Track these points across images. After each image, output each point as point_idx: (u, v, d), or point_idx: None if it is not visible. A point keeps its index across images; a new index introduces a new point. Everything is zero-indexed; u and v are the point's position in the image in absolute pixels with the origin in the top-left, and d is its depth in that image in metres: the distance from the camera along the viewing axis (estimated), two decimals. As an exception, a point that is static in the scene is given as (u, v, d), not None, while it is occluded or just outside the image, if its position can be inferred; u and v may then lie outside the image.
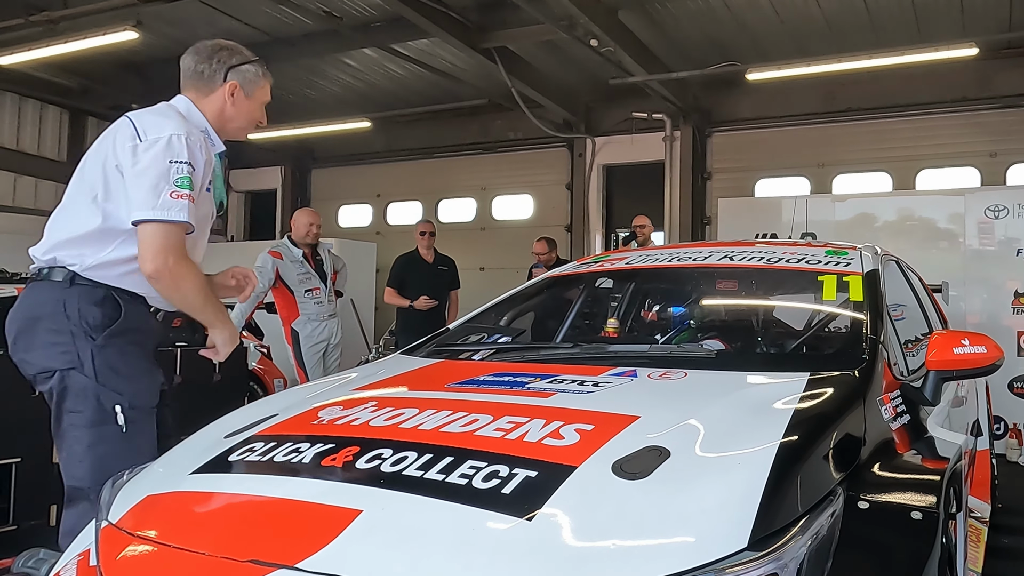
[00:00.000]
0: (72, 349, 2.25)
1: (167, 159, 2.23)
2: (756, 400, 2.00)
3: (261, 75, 2.58)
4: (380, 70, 9.94)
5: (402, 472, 1.58)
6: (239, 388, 4.47)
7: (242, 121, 2.57)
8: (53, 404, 2.30)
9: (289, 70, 9.94)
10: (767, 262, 3.01)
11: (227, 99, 2.50)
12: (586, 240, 10.50)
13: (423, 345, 2.86)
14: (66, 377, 2.25)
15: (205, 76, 2.49)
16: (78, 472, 2.25)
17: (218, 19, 8.41)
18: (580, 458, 1.59)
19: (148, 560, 1.52)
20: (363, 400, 2.06)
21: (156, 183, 2.21)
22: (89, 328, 2.27)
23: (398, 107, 10.70)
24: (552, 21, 7.51)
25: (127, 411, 2.29)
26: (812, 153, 9.51)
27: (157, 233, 2.22)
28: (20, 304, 2.33)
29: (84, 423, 2.25)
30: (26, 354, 2.30)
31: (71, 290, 2.27)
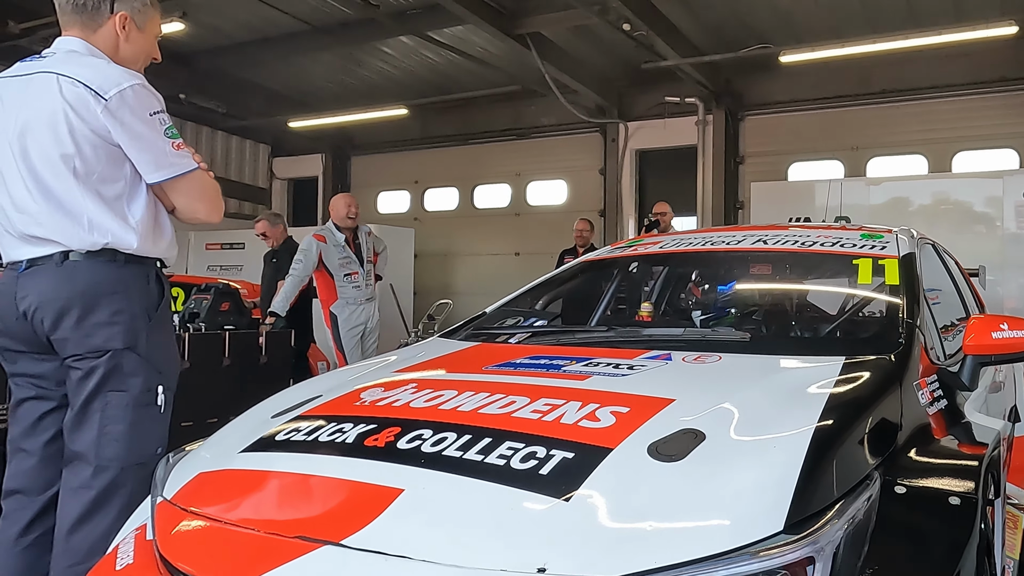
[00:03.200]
0: (132, 329, 2.18)
1: (146, 113, 2.14)
2: (791, 384, 1.97)
3: (149, 3, 2.33)
4: (416, 57, 9.94)
5: (442, 452, 1.59)
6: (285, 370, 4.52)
7: (136, 60, 2.32)
8: (90, 383, 2.16)
9: (328, 58, 9.99)
10: (801, 245, 2.96)
11: (119, 34, 2.26)
12: (619, 225, 10.44)
13: (461, 328, 2.87)
14: (119, 356, 2.17)
15: (88, 8, 2.22)
16: (110, 452, 2.15)
17: (258, 8, 8.46)
18: (616, 440, 1.59)
19: (201, 535, 1.55)
20: (403, 382, 2.07)
21: (153, 141, 2.15)
22: (148, 307, 2.24)
23: (434, 94, 10.70)
24: (585, 6, 7.44)
25: (165, 392, 2.27)
26: (846, 136, 9.33)
27: (190, 183, 2.24)
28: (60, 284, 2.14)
29: (128, 403, 2.18)
30: (75, 333, 2.14)
31: (127, 268, 2.20)
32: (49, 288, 2.15)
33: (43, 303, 2.15)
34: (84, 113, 2.09)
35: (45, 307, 2.14)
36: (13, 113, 2.17)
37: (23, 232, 2.18)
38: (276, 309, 5.57)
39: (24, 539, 2.22)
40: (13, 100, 2.19)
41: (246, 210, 12.78)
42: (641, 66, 8.81)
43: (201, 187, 2.28)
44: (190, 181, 2.24)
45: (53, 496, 2.21)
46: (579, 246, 8.07)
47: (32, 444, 2.26)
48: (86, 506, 2.12)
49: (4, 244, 2.25)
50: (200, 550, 1.51)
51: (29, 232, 2.17)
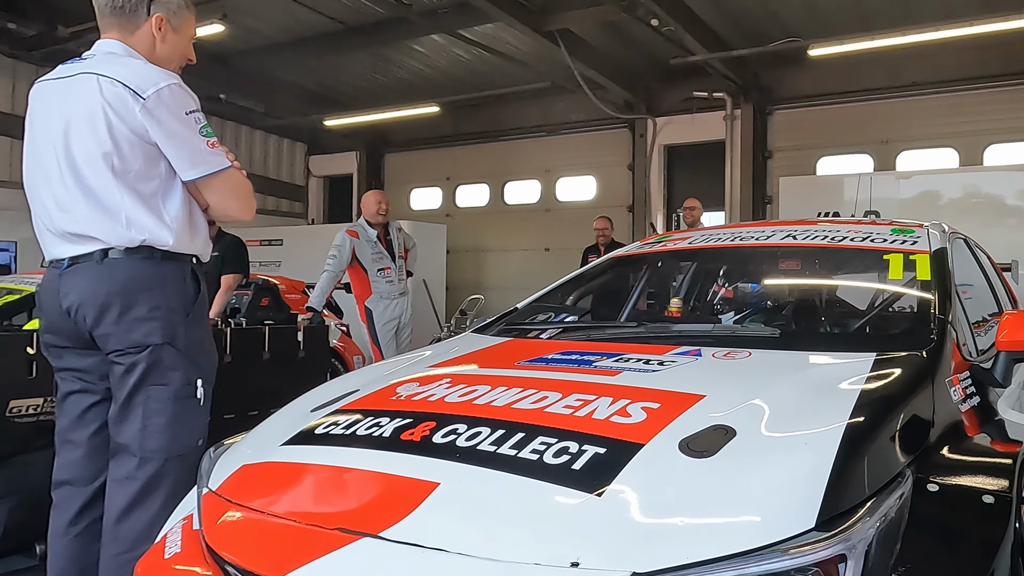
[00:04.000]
0: (170, 324, 2.20)
1: (183, 112, 2.17)
2: (822, 380, 1.95)
3: (186, 6, 2.34)
4: (447, 55, 9.95)
5: (476, 447, 1.59)
6: (322, 364, 4.55)
7: (172, 61, 2.34)
8: (132, 378, 2.18)
9: (362, 57, 10.05)
10: (831, 241, 2.91)
11: (155, 35, 2.28)
12: (647, 220, 10.38)
13: (493, 324, 2.87)
14: (159, 351, 2.19)
15: (126, 11, 2.25)
16: (153, 444, 2.18)
17: (294, 9, 8.53)
18: (647, 436, 1.58)
19: (245, 526, 1.58)
20: (438, 377, 2.08)
21: (189, 139, 2.18)
22: (184, 302, 2.26)
23: (465, 92, 10.71)
24: (613, 2, 7.40)
25: (204, 385, 2.29)
26: (876, 130, 9.16)
27: (223, 181, 2.25)
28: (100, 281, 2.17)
29: (169, 396, 2.21)
30: (115, 328, 2.17)
31: (164, 265, 2.23)
32: (90, 285, 2.18)
33: (85, 300, 2.18)
34: (123, 112, 2.12)
35: (87, 304, 2.18)
36: (56, 114, 2.22)
37: (63, 230, 2.22)
38: (313, 304, 5.62)
39: (74, 528, 2.26)
40: (56, 101, 2.23)
41: (284, 208, 12.92)
42: (669, 62, 8.74)
43: (234, 185, 2.30)
44: (223, 179, 2.26)
45: (100, 486, 2.25)
46: (600, 244, 8.03)
47: (79, 436, 2.31)
48: (132, 496, 2.16)
49: (46, 242, 2.30)
50: (244, 540, 1.54)
51: (69, 230, 2.21)
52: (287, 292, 6.36)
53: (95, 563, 2.20)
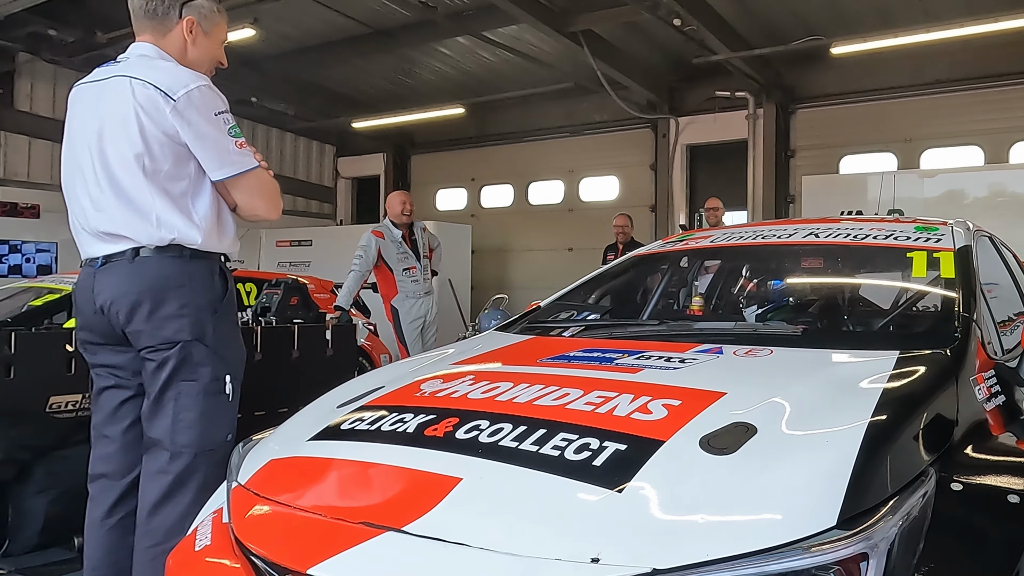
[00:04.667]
0: (198, 321, 2.22)
1: (212, 113, 2.19)
2: (844, 378, 1.91)
3: (217, 10, 2.36)
4: (472, 57, 9.96)
5: (499, 443, 1.59)
6: (350, 362, 4.57)
7: (203, 64, 2.35)
8: (163, 374, 2.21)
9: (389, 60, 10.09)
10: (854, 239, 2.85)
11: (186, 38, 2.29)
12: (670, 220, 10.29)
13: (516, 322, 2.86)
14: (188, 347, 2.21)
15: (159, 14, 2.27)
16: (185, 438, 2.21)
17: (324, 13, 8.58)
18: (668, 432, 1.56)
19: (272, 519, 1.59)
20: (461, 374, 2.08)
21: (218, 140, 2.19)
22: (213, 300, 2.28)
23: (489, 93, 10.71)
24: (636, 2, 7.35)
25: (232, 381, 2.30)
26: (899, 128, 9.01)
27: (251, 181, 2.27)
28: (132, 279, 2.20)
29: (199, 391, 2.23)
30: (147, 325, 2.19)
31: (192, 263, 2.24)
32: (122, 283, 2.21)
33: (117, 298, 2.21)
34: (154, 113, 2.15)
35: (119, 301, 2.21)
36: (91, 116, 2.25)
37: (98, 229, 2.25)
38: (341, 303, 5.65)
39: (108, 520, 2.30)
40: (91, 104, 2.26)
41: (313, 209, 13.01)
42: (692, 61, 8.67)
43: (261, 185, 2.32)
44: (251, 179, 2.28)
45: (134, 480, 2.28)
46: (620, 242, 7.99)
47: (113, 430, 2.34)
48: (164, 490, 2.18)
49: (81, 241, 2.33)
50: (271, 533, 1.55)
51: (103, 229, 2.24)
52: (316, 291, 6.38)
53: (129, 555, 2.23)
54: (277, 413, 4.15)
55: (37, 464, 3.10)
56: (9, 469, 3.02)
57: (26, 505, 3.05)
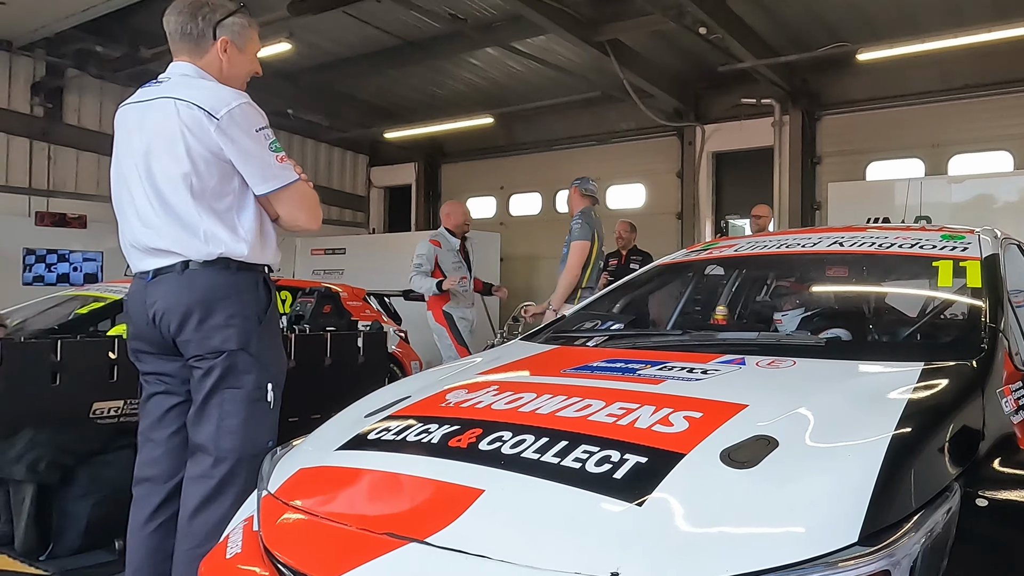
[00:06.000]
0: (244, 331, 2.26)
1: (253, 129, 2.22)
2: (867, 390, 1.88)
3: (248, 25, 2.39)
4: (501, 68, 9.98)
5: (521, 454, 1.58)
6: (381, 369, 4.60)
7: (239, 78, 2.40)
8: (209, 381, 2.25)
9: (420, 71, 10.15)
10: (879, 247, 2.80)
11: (221, 57, 2.34)
12: (696, 227, 10.18)
13: (541, 332, 2.85)
14: (234, 356, 2.25)
15: (194, 36, 2.32)
16: (228, 444, 2.25)
17: (356, 26, 8.66)
18: (689, 445, 1.54)
19: (300, 528, 1.60)
20: (486, 384, 2.08)
21: (260, 155, 2.23)
22: (258, 310, 2.32)
23: (518, 103, 10.71)
24: (662, 11, 7.30)
25: (274, 389, 2.34)
26: (926, 133, 8.80)
27: (292, 193, 2.30)
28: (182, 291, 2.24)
29: (242, 399, 2.27)
30: (196, 335, 2.24)
31: (239, 275, 2.28)
32: (173, 295, 2.26)
33: (169, 309, 2.26)
34: (199, 133, 2.19)
35: (171, 312, 2.25)
36: (138, 136, 2.29)
37: (148, 245, 2.30)
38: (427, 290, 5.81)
39: (151, 523, 2.34)
40: (137, 124, 2.31)
41: (347, 218, 13.11)
42: (717, 69, 8.59)
43: (302, 197, 2.35)
44: (293, 191, 2.32)
45: (177, 484, 2.32)
46: (620, 248, 7.84)
47: (159, 435, 2.38)
48: (206, 494, 2.22)
49: (131, 257, 2.38)
50: (299, 543, 1.55)
51: (153, 245, 2.28)
52: (349, 299, 6.45)
53: (169, 557, 2.27)
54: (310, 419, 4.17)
55: (80, 468, 3.16)
56: (54, 473, 3.08)
57: (69, 509, 3.11)
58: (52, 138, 9.60)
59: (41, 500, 3.09)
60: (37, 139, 9.50)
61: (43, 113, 9.52)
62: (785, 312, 2.74)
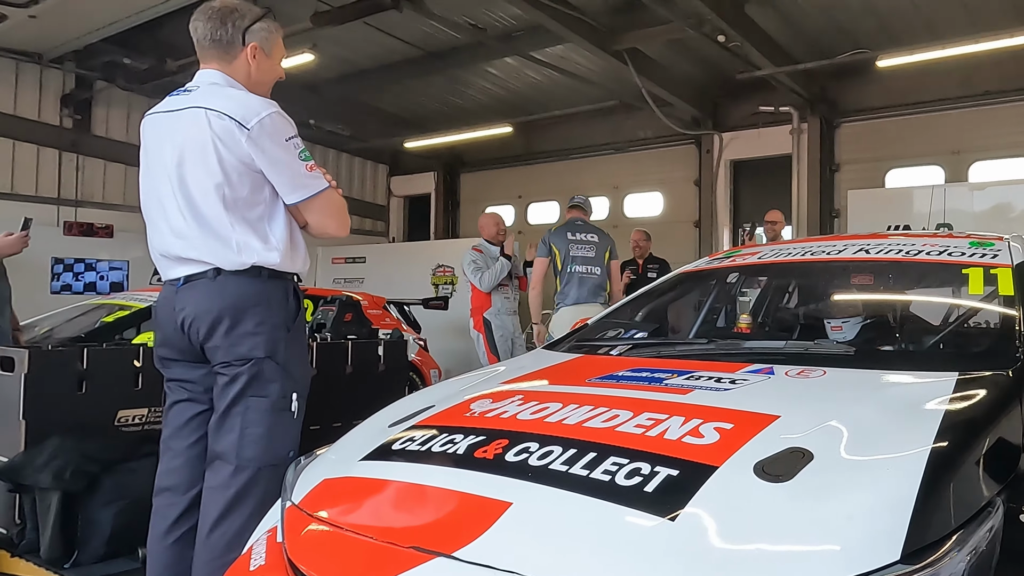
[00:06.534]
0: (273, 339, 2.23)
1: (283, 138, 2.20)
2: (902, 401, 1.82)
3: (274, 30, 2.37)
4: (520, 77, 9.97)
5: (548, 466, 1.54)
6: (401, 376, 4.57)
7: (266, 84, 2.38)
8: (234, 389, 2.22)
9: (440, 81, 10.17)
10: (906, 255, 2.74)
11: (250, 63, 2.31)
12: (714, 235, 10.09)
13: (564, 340, 2.81)
14: (261, 364, 2.22)
15: (223, 42, 2.29)
16: (249, 453, 2.21)
17: (378, 36, 8.68)
18: (721, 458, 1.49)
19: (324, 540, 1.56)
20: (511, 393, 2.04)
21: (290, 164, 2.21)
22: (286, 319, 2.29)
23: (536, 112, 10.69)
24: (680, 19, 7.25)
25: (299, 398, 2.30)
26: (947, 140, 8.66)
27: (322, 202, 2.28)
28: (213, 297, 2.22)
29: (267, 407, 2.23)
30: (224, 341, 2.22)
31: (269, 283, 2.26)
32: (203, 301, 2.23)
33: (198, 315, 2.23)
34: (231, 143, 2.17)
35: (200, 319, 2.23)
36: (169, 146, 2.27)
37: (179, 255, 2.28)
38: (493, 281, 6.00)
39: (172, 534, 2.30)
40: (167, 134, 2.28)
41: (367, 227, 13.14)
42: (735, 77, 8.52)
43: (331, 205, 2.33)
44: (322, 200, 2.29)
45: (197, 494, 2.28)
46: (637, 257, 7.77)
47: (180, 444, 2.35)
48: (225, 504, 2.18)
49: (161, 266, 2.36)
50: (323, 555, 1.51)
51: (184, 255, 2.26)
52: (369, 308, 6.44)
53: (189, 568, 2.23)
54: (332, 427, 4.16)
55: (105, 476, 3.14)
56: (80, 481, 3.06)
57: (94, 516, 3.08)
58: (81, 149, 9.69)
59: (66, 508, 3.07)
60: (66, 150, 9.59)
61: (72, 125, 9.61)
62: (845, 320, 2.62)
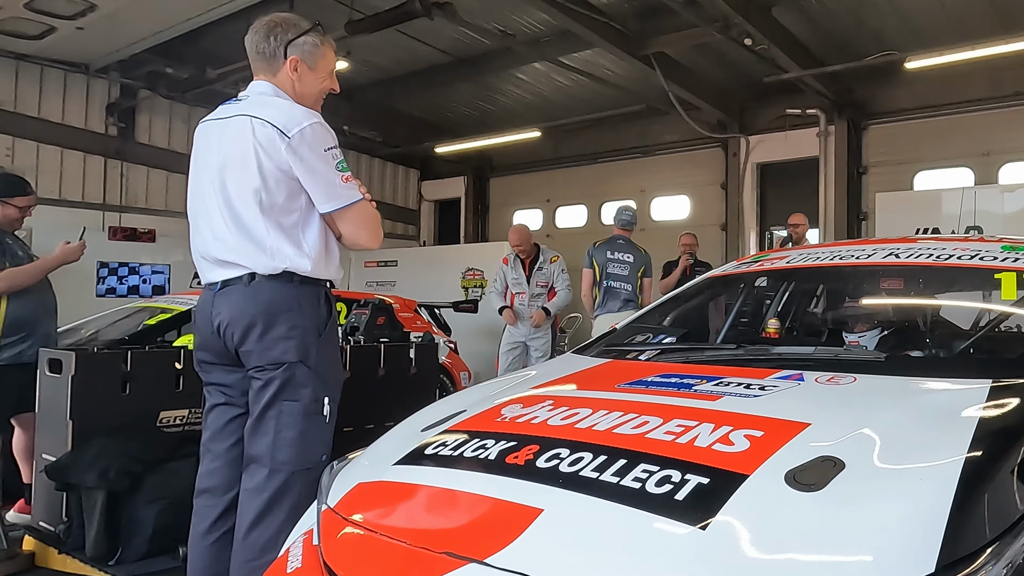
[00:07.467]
0: (304, 343, 2.24)
1: (322, 149, 2.22)
2: (934, 408, 1.77)
3: (320, 43, 2.37)
4: (548, 82, 9.94)
5: (579, 472, 1.52)
6: (432, 379, 4.58)
7: (312, 96, 2.39)
8: (267, 393, 2.23)
9: (469, 87, 10.18)
10: (936, 259, 2.66)
11: (292, 76, 2.33)
12: (741, 239, 9.95)
13: (592, 345, 2.79)
14: (293, 368, 2.23)
15: (268, 56, 2.33)
16: (283, 456, 2.22)
17: (409, 43, 8.71)
18: (752, 466, 1.46)
19: (359, 544, 1.56)
20: (541, 399, 2.02)
21: (326, 174, 2.23)
22: (318, 324, 2.30)
23: (564, 116, 10.64)
24: (707, 23, 7.16)
25: (330, 402, 2.31)
26: (976, 142, 8.43)
27: (355, 213, 2.29)
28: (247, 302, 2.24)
29: (299, 411, 2.24)
30: (257, 346, 2.23)
31: (302, 289, 2.28)
32: (238, 305, 2.26)
33: (233, 319, 2.26)
34: (271, 150, 2.20)
35: (235, 323, 2.26)
36: (216, 152, 2.31)
37: (217, 257, 2.31)
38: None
39: (211, 535, 2.32)
40: (215, 140, 2.33)
41: (398, 231, 13.20)
42: (763, 80, 8.40)
43: (364, 216, 2.34)
44: (356, 211, 2.31)
45: (235, 496, 2.30)
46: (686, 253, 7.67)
47: (219, 447, 2.38)
48: (262, 506, 2.19)
49: (201, 268, 2.41)
50: (358, 559, 1.52)
51: (222, 257, 2.30)
52: (401, 311, 6.47)
53: (227, 569, 2.25)
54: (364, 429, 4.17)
55: (148, 476, 3.19)
56: (124, 480, 3.11)
57: (137, 515, 3.13)
58: (125, 156, 9.86)
59: (110, 506, 3.12)
60: (111, 157, 9.77)
61: (117, 132, 9.78)
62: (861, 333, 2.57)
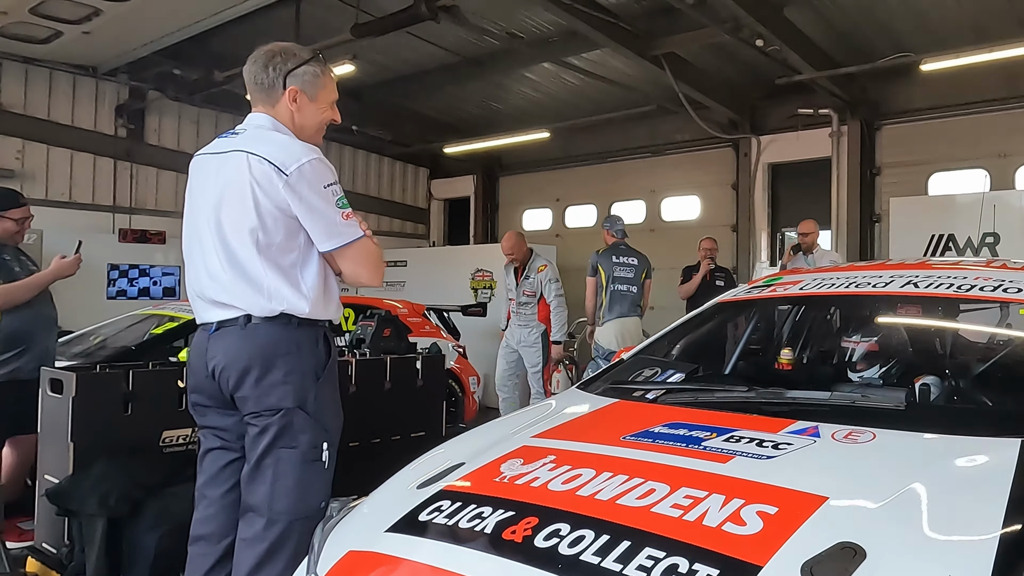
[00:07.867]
0: (302, 388, 2.16)
1: (321, 186, 2.13)
2: (960, 474, 1.65)
3: (321, 73, 2.28)
4: (557, 82, 9.79)
5: (579, 556, 1.42)
6: (439, 391, 4.50)
7: (312, 127, 2.31)
8: (264, 440, 2.14)
9: (478, 87, 10.05)
10: (957, 290, 2.48)
11: (291, 107, 2.25)
12: (752, 240, 9.77)
13: (597, 380, 2.67)
14: (291, 414, 2.14)
15: (266, 87, 2.24)
16: (280, 505, 2.13)
17: (417, 44, 8.59)
18: (765, 555, 1.35)
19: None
20: (542, 452, 1.92)
21: (326, 212, 2.14)
22: (316, 367, 2.22)
23: (573, 116, 10.49)
24: (718, 24, 6.98)
25: (329, 448, 2.22)
26: (993, 143, 8.19)
27: (356, 251, 2.20)
28: (242, 345, 2.15)
29: (298, 459, 2.15)
30: (253, 391, 2.14)
31: (299, 331, 2.19)
32: (233, 349, 2.17)
33: (228, 363, 2.17)
34: (268, 188, 2.11)
35: (230, 367, 2.16)
36: (212, 187, 2.22)
37: (212, 298, 2.22)
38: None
39: None
40: (212, 175, 2.23)
41: (408, 230, 13.11)
42: (775, 82, 8.21)
43: (366, 254, 2.24)
44: (356, 248, 2.21)
45: (230, 544, 2.22)
46: (706, 257, 7.54)
47: (214, 492, 2.29)
48: (259, 557, 2.11)
49: (196, 308, 2.31)
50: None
51: (217, 299, 2.20)
52: (408, 316, 6.38)
53: None
54: (371, 444, 4.12)
55: (149, 500, 3.11)
56: (124, 506, 3.03)
57: (138, 541, 3.05)
58: (134, 158, 9.81)
59: (111, 532, 3.05)
60: (121, 159, 9.72)
61: (126, 134, 9.73)
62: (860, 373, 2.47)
